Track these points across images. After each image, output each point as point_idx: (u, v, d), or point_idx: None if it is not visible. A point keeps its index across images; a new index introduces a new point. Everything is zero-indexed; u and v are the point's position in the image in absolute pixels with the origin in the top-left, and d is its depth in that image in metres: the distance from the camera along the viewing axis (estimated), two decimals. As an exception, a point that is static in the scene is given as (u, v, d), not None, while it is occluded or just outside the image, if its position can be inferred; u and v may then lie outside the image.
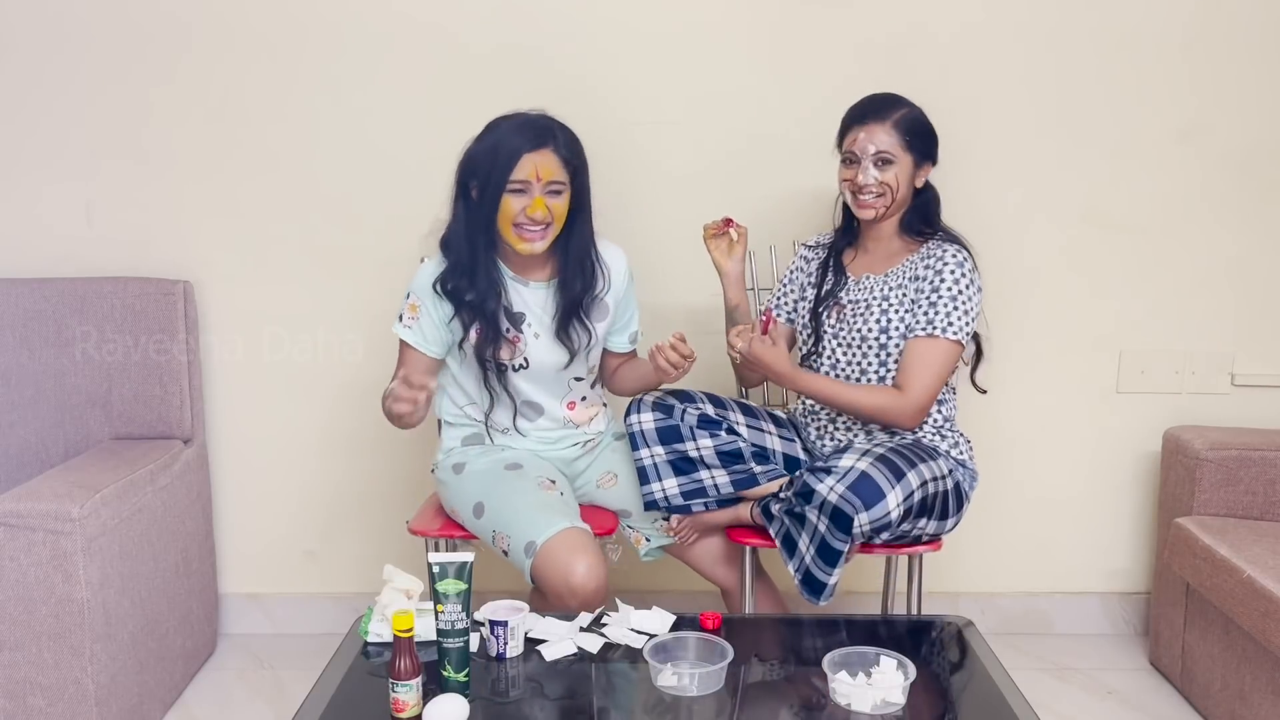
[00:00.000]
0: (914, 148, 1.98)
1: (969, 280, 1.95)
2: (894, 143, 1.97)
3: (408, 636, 1.46)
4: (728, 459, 2.00)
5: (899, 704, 1.50)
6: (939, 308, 1.94)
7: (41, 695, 1.94)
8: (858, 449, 1.86)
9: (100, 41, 2.39)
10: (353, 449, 2.58)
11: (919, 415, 1.95)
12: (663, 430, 2.01)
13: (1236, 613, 2.02)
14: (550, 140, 1.93)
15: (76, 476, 2.04)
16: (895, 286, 2.01)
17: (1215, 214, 2.48)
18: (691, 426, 2.01)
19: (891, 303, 1.99)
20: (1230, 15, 2.38)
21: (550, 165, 1.92)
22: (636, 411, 2.03)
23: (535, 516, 1.90)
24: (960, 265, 1.95)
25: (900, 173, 1.98)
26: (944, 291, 1.94)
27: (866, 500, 1.77)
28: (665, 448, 2.01)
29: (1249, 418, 2.53)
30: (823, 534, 1.84)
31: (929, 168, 2.02)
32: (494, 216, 1.94)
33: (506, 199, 1.92)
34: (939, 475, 1.91)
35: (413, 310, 2.02)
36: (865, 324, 2.01)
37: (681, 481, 2.01)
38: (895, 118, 1.98)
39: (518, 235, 1.94)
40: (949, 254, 1.97)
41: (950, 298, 1.93)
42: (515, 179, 1.91)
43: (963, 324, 1.94)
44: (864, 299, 2.03)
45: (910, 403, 1.93)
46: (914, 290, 1.98)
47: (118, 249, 2.47)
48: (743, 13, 2.39)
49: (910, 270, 2.00)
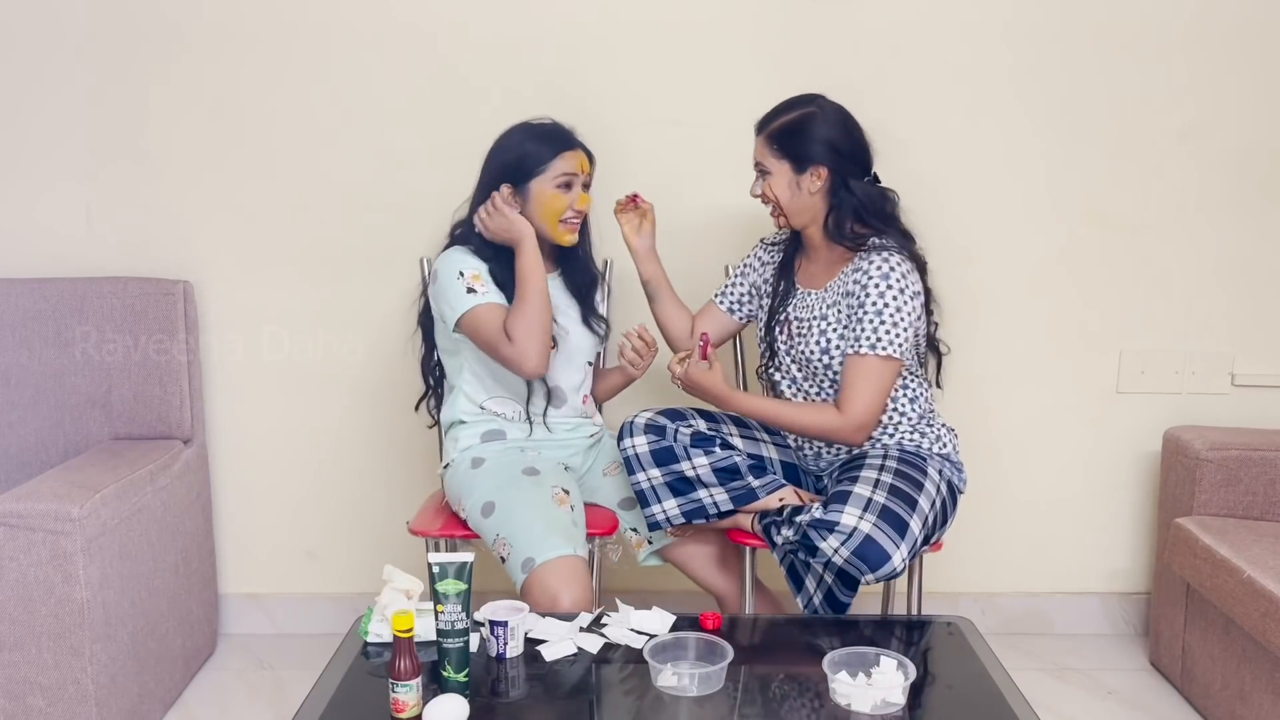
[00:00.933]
0: (787, 154, 1.94)
1: (896, 290, 1.88)
2: (765, 153, 1.97)
3: (408, 636, 1.45)
4: (724, 476, 1.99)
5: (899, 704, 1.50)
6: (864, 325, 1.89)
7: (41, 695, 1.94)
8: (859, 497, 1.83)
9: (100, 42, 2.39)
10: (353, 449, 2.58)
11: (861, 432, 1.92)
12: (657, 452, 2.00)
13: (1236, 613, 2.02)
14: (579, 142, 2.06)
15: (76, 476, 2.03)
16: (830, 304, 1.98)
17: (1215, 214, 2.48)
18: (685, 445, 2.00)
19: (830, 321, 1.97)
20: (1230, 15, 2.38)
21: (585, 162, 2.06)
22: (630, 435, 2.02)
23: (540, 535, 1.90)
24: (885, 277, 1.88)
25: (777, 183, 1.96)
26: (869, 307, 1.89)
27: (873, 564, 1.79)
28: (661, 469, 2.00)
29: (1249, 418, 2.53)
30: (829, 585, 1.91)
31: (819, 171, 1.92)
32: (535, 212, 2.02)
33: (555, 193, 2.01)
34: (934, 495, 1.92)
35: (475, 278, 2.00)
36: (808, 345, 2.00)
37: (680, 502, 2.01)
38: (768, 130, 1.97)
39: (564, 229, 2.05)
40: (873, 266, 1.90)
41: (875, 313, 1.88)
42: (567, 172, 2.01)
43: (891, 337, 1.88)
44: (807, 317, 2.02)
45: (850, 422, 1.90)
46: (845, 306, 1.95)
47: (117, 249, 2.47)
48: (743, 11, 2.39)
49: (842, 285, 1.97)
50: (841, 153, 1.94)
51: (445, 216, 2.26)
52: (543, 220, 2.03)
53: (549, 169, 2.01)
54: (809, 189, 1.95)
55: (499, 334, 1.96)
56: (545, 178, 2.01)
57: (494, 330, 1.97)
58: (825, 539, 1.81)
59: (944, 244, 2.40)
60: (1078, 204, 2.48)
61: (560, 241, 2.06)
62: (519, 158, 2.02)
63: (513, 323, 1.95)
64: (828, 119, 1.94)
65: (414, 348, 2.43)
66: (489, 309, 1.98)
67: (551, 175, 2.01)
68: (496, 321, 1.97)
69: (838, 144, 1.93)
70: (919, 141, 2.41)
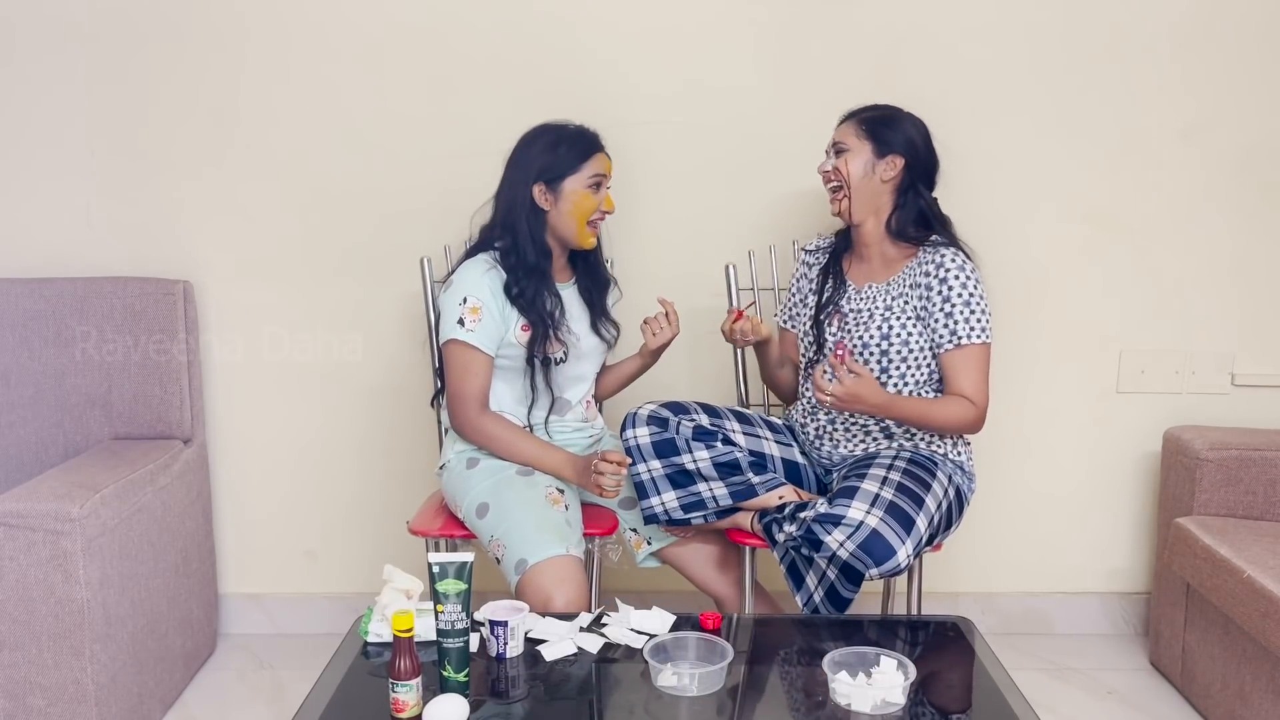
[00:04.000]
0: (874, 136, 1.98)
1: (975, 280, 1.96)
2: (851, 132, 2.00)
3: (408, 636, 1.45)
4: (725, 470, 2.00)
5: (899, 704, 1.50)
6: (956, 318, 1.94)
7: (41, 695, 1.94)
8: (866, 493, 1.84)
9: (100, 41, 2.39)
10: (353, 449, 2.58)
11: (984, 419, 1.98)
12: (658, 444, 2.00)
13: (1236, 613, 2.02)
14: (602, 145, 2.07)
15: (76, 476, 2.03)
16: (897, 295, 2.00)
17: (1216, 214, 2.48)
18: (687, 439, 2.00)
19: (894, 310, 1.99)
20: (1230, 15, 2.38)
21: (609, 164, 2.08)
22: (632, 426, 2.02)
23: (533, 535, 1.90)
24: (962, 269, 1.95)
25: (853, 160, 1.98)
26: (956, 300, 1.94)
27: (878, 558, 1.79)
28: (662, 461, 2.00)
29: (1249, 418, 2.53)
30: (832, 580, 1.91)
31: (896, 162, 1.98)
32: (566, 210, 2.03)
33: (586, 193, 2.03)
34: (941, 497, 1.92)
35: (474, 313, 2.00)
36: (867, 331, 2.00)
37: (680, 495, 2.01)
38: (860, 115, 2.01)
39: (589, 230, 2.07)
40: (947, 259, 1.95)
41: (964, 303, 1.94)
42: (599, 172, 2.04)
43: (983, 324, 1.95)
44: (866, 308, 2.03)
45: (980, 411, 1.96)
46: (917, 298, 1.97)
47: (118, 249, 2.47)
48: (744, 12, 2.39)
49: (910, 277, 1.99)
50: (920, 155, 2.00)
51: (445, 216, 2.27)
52: (573, 219, 2.04)
53: (582, 169, 2.02)
54: (882, 175, 1.99)
55: (462, 381, 2.02)
56: (578, 177, 2.02)
57: (459, 375, 2.02)
58: (830, 533, 1.81)
59: (944, 244, 2.41)
60: (1078, 204, 2.48)
61: (584, 245, 2.07)
62: (554, 158, 2.02)
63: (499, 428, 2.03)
64: (917, 125, 2.02)
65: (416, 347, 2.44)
66: (464, 352, 2.01)
67: (585, 175, 2.02)
68: (466, 368, 2.02)
69: (919, 147, 2.00)
70: (919, 141, 2.41)
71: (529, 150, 2.04)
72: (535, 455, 2.04)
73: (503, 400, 2.10)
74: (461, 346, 2.01)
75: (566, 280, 2.14)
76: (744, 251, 2.37)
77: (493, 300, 2.01)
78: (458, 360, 2.02)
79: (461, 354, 2.01)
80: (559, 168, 2.02)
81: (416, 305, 2.41)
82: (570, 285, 2.14)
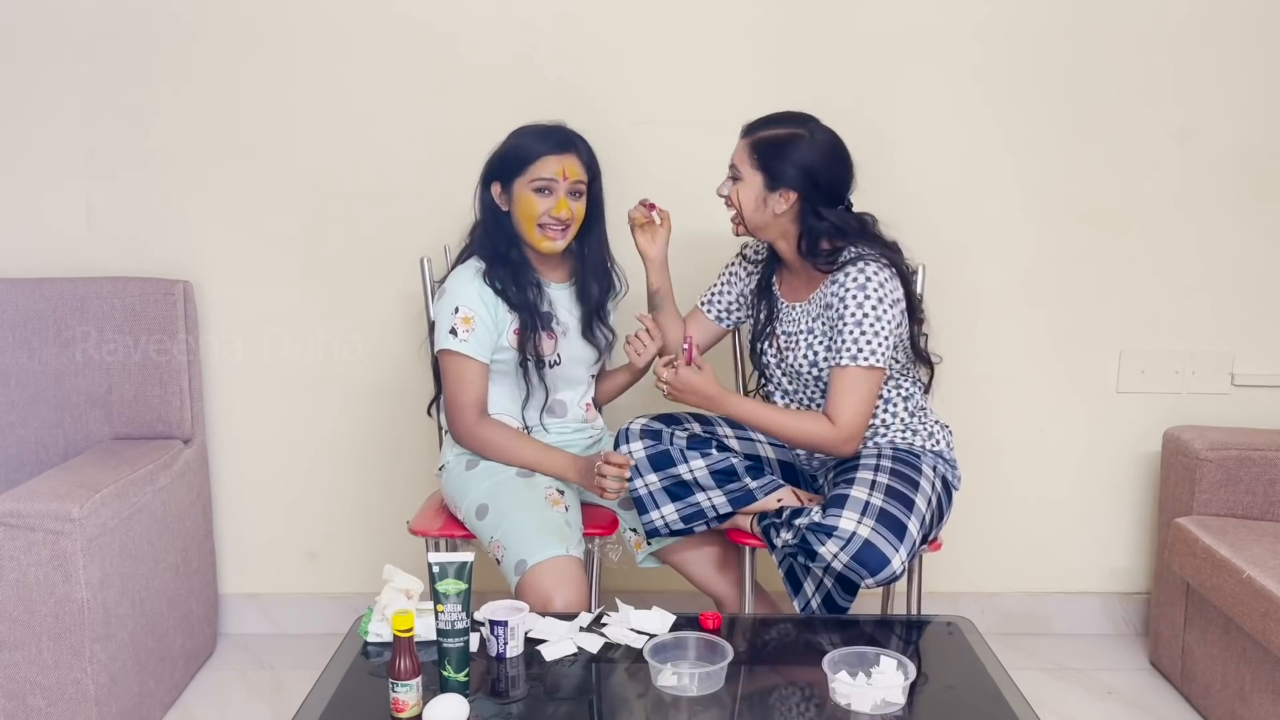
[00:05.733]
0: (765, 168, 1.91)
1: (875, 300, 1.87)
2: (744, 157, 1.94)
3: (408, 636, 1.46)
4: (722, 478, 2.00)
5: (899, 704, 1.50)
6: (844, 337, 1.88)
7: (41, 695, 1.94)
8: (856, 500, 1.83)
9: (101, 42, 2.39)
10: (353, 449, 2.58)
11: (851, 443, 1.92)
12: (654, 457, 2.00)
13: (1236, 613, 2.02)
14: (573, 146, 2.03)
15: (76, 476, 2.03)
16: (814, 317, 1.98)
17: (1215, 214, 2.48)
18: (681, 449, 2.01)
19: (815, 334, 1.98)
20: (1230, 15, 2.38)
21: (574, 167, 2.02)
22: (625, 441, 2.03)
23: (532, 536, 1.90)
24: (861, 288, 1.87)
25: (744, 191, 1.93)
26: (847, 319, 1.88)
27: (872, 568, 1.79)
28: (659, 474, 2.00)
29: (1249, 418, 2.53)
30: (829, 589, 1.91)
31: (789, 195, 1.90)
32: (517, 214, 2.02)
33: (531, 197, 1.99)
34: (930, 493, 1.92)
35: (466, 322, 2.00)
36: (796, 358, 2.00)
37: (679, 506, 2.01)
38: (754, 137, 1.93)
39: (541, 234, 2.02)
40: (849, 279, 1.88)
41: (855, 324, 1.87)
42: (542, 176, 1.99)
43: (872, 347, 1.87)
44: (793, 331, 2.02)
45: (840, 432, 1.89)
46: (826, 319, 1.95)
47: (118, 249, 2.47)
48: (743, 13, 2.39)
49: (822, 298, 1.96)
50: (818, 183, 1.91)
51: (445, 217, 2.26)
52: (522, 221, 2.02)
53: (529, 171, 2.00)
54: (775, 209, 1.93)
55: (458, 391, 2.02)
56: (524, 180, 2.00)
57: (455, 385, 2.03)
58: (824, 544, 1.81)
59: (944, 244, 2.41)
60: (1078, 204, 2.48)
61: (539, 248, 2.03)
62: (507, 154, 2.03)
63: (497, 434, 2.03)
64: (815, 146, 1.91)
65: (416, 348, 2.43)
66: (458, 362, 2.01)
67: (529, 178, 2.00)
68: (461, 377, 2.02)
69: (816, 174, 1.90)
70: (918, 142, 2.41)
71: (497, 149, 2.05)
72: (536, 458, 2.04)
73: (498, 403, 2.10)
74: (456, 357, 2.01)
75: (563, 280, 2.13)
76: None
77: (483, 307, 2.01)
78: (453, 370, 2.03)
79: (456, 364, 2.02)
80: (507, 169, 2.02)
81: (416, 305, 2.41)
82: (566, 286, 2.13)
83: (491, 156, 2.06)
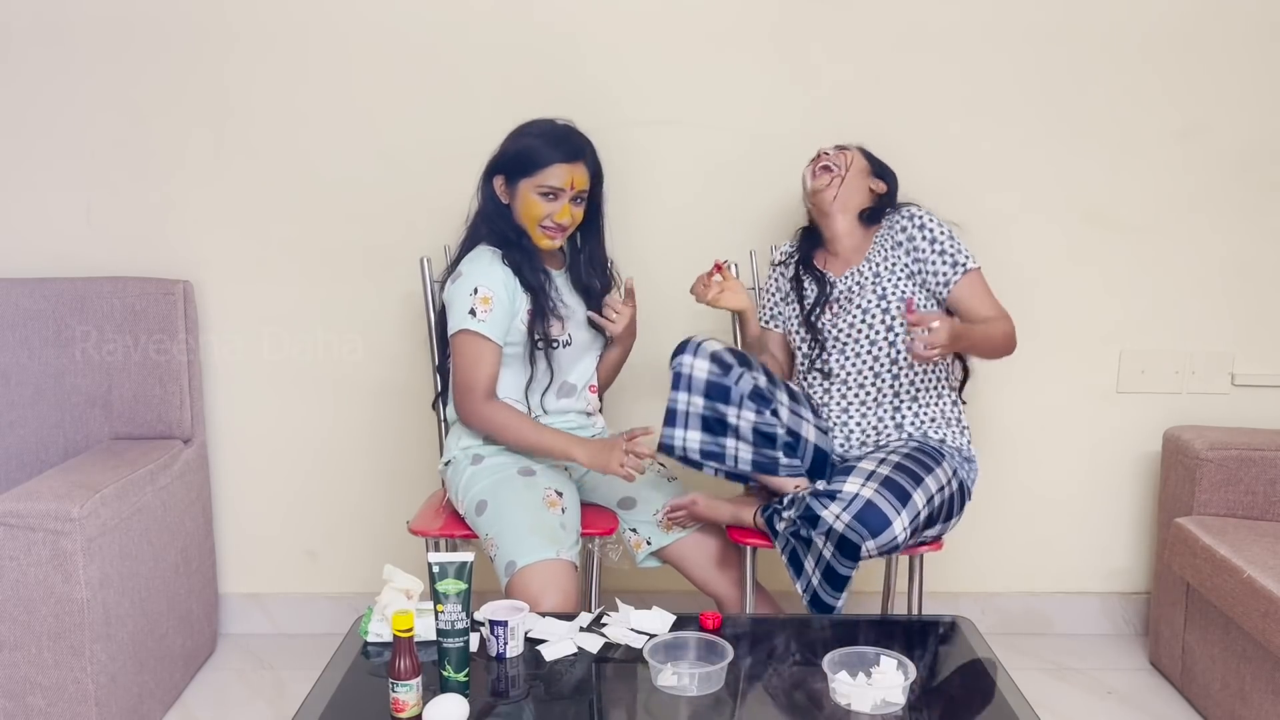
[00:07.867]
0: (870, 159, 2.14)
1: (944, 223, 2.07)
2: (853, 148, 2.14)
3: (408, 636, 1.46)
4: (760, 439, 1.97)
5: (899, 704, 1.50)
6: (949, 250, 2.03)
7: (41, 695, 1.94)
8: (863, 470, 1.87)
9: (102, 42, 2.39)
10: (353, 449, 2.58)
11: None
12: (712, 384, 1.94)
13: (1236, 613, 2.02)
14: (583, 155, 2.06)
15: (76, 476, 2.04)
16: (881, 262, 2.06)
17: (1215, 214, 2.48)
18: (743, 394, 1.95)
19: (883, 276, 2.04)
20: (1230, 15, 2.38)
21: (582, 176, 2.05)
22: (692, 354, 1.95)
23: (525, 537, 1.90)
24: (929, 214, 2.06)
25: (854, 162, 2.09)
26: (940, 237, 2.04)
27: (873, 528, 1.80)
28: (705, 401, 1.95)
29: (1249, 418, 2.53)
30: (829, 560, 1.89)
31: (880, 185, 2.14)
32: (518, 209, 2.05)
33: (536, 200, 2.03)
34: (944, 483, 1.93)
35: (485, 303, 2.01)
36: (863, 298, 2.04)
37: (705, 439, 1.96)
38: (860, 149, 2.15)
39: (541, 233, 2.07)
40: (914, 210, 2.07)
41: (949, 238, 2.04)
42: (549, 184, 2.02)
43: (969, 251, 2.05)
44: (854, 286, 2.07)
45: (1010, 320, 2.06)
46: (904, 254, 2.05)
47: (118, 249, 2.47)
48: (746, 13, 2.39)
49: (887, 241, 2.08)
50: (893, 191, 2.16)
51: (445, 216, 2.27)
52: (524, 219, 2.06)
53: (538, 175, 2.02)
54: (870, 185, 2.12)
55: (472, 371, 2.01)
56: (531, 182, 2.03)
57: (470, 364, 2.02)
58: (827, 506, 1.83)
59: (944, 244, 2.41)
60: (1078, 204, 2.48)
61: (538, 242, 2.07)
62: (518, 153, 2.04)
63: (504, 414, 2.02)
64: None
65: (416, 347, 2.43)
66: (475, 342, 2.01)
67: (537, 182, 2.02)
68: (477, 358, 2.01)
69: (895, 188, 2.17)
70: (919, 142, 2.41)
71: (509, 139, 2.07)
72: (541, 440, 2.02)
73: (504, 387, 2.10)
74: (473, 336, 2.01)
75: (559, 268, 2.16)
76: (745, 251, 2.37)
77: (503, 289, 2.02)
78: (468, 350, 2.02)
79: (473, 344, 2.01)
80: (519, 165, 2.03)
81: (416, 305, 2.41)
82: (563, 273, 2.16)
83: (500, 149, 2.07)
